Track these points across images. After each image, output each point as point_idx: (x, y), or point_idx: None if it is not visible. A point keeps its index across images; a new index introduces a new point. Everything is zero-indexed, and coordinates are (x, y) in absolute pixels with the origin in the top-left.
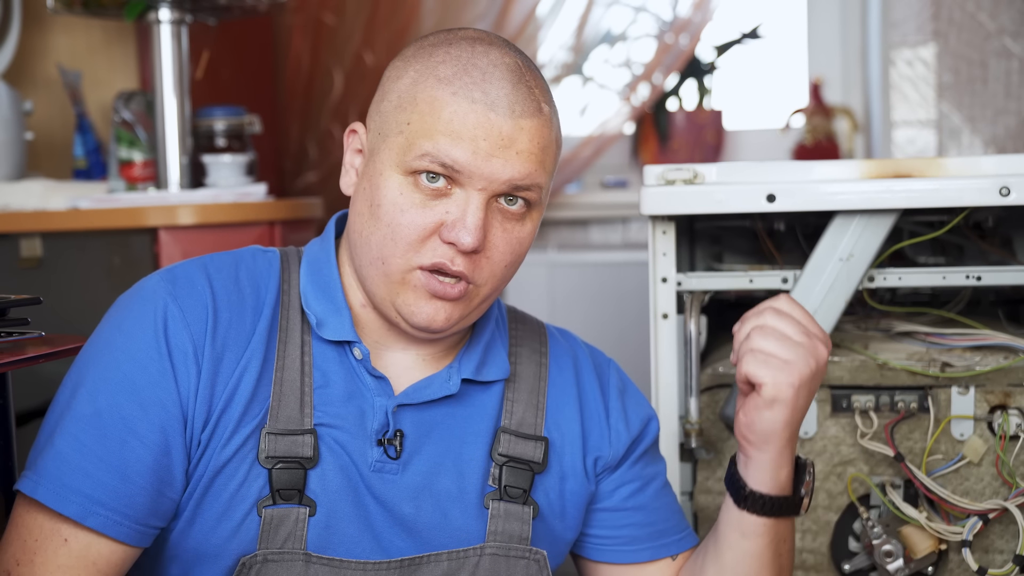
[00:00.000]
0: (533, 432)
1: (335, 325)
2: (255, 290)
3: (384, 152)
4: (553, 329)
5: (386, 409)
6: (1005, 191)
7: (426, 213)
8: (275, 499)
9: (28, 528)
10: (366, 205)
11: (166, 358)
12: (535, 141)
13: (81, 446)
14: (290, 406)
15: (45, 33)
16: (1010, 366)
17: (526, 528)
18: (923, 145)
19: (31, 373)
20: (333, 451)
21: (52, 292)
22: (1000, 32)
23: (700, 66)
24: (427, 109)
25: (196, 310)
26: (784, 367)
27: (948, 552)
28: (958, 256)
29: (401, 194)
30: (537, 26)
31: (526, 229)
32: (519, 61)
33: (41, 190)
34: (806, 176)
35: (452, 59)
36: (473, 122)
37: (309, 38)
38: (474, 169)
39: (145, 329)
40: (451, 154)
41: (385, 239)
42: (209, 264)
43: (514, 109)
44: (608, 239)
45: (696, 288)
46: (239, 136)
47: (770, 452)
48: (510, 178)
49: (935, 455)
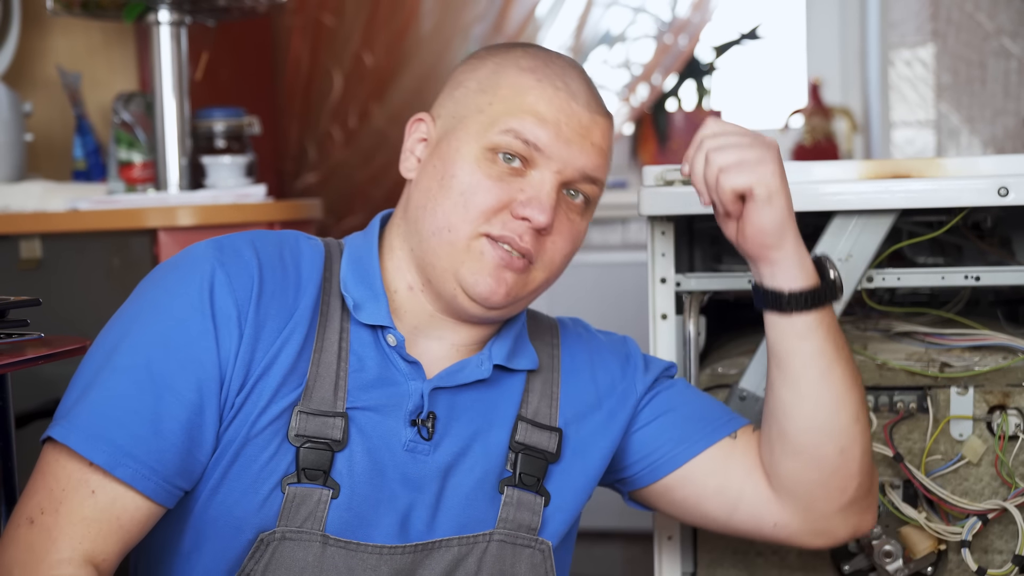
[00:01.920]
0: (548, 422)
1: (372, 310)
2: (297, 269)
3: (461, 131)
4: (565, 320)
5: (422, 391)
6: (1004, 191)
7: (502, 187)
8: (300, 478)
9: (55, 476)
10: (435, 180)
11: (209, 319)
12: (605, 139)
13: (117, 398)
14: (324, 388)
15: (44, 35)
16: (1009, 366)
17: (536, 518)
18: (922, 145)
19: (30, 375)
20: (364, 433)
21: (51, 293)
22: (999, 32)
23: (699, 67)
24: (511, 92)
25: (242, 277)
26: (758, 164)
27: (947, 552)
28: (957, 256)
29: (479, 167)
30: (536, 27)
31: (583, 225)
32: (585, 73)
33: (40, 191)
34: (805, 176)
35: (531, 55)
36: (558, 106)
37: (308, 39)
38: (554, 150)
39: (190, 291)
40: (535, 132)
41: (456, 206)
42: (256, 238)
43: (591, 104)
44: (607, 240)
45: (695, 289)
46: (238, 137)
47: (788, 245)
48: (583, 166)
49: (934, 455)
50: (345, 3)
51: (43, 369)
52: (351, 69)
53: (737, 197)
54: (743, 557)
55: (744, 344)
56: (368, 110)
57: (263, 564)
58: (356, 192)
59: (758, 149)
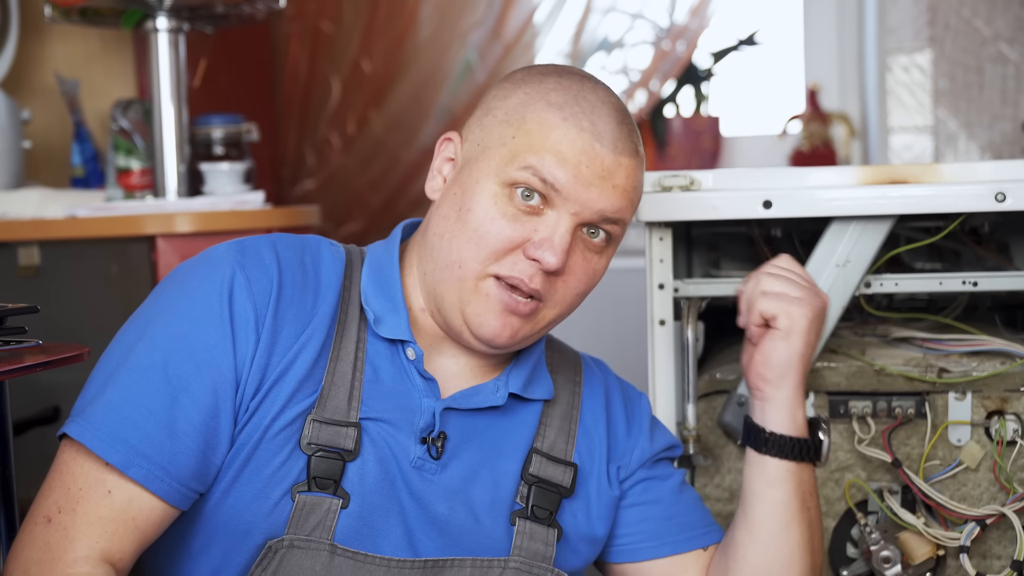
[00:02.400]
0: (564, 457)
1: (392, 323)
2: (316, 275)
3: (483, 161)
4: (588, 359)
5: (434, 410)
6: (1001, 197)
7: (515, 227)
8: (310, 486)
9: (72, 475)
10: (454, 209)
11: (227, 323)
12: (630, 179)
13: (133, 398)
14: (339, 397)
15: (43, 42)
16: (1007, 371)
17: (550, 550)
18: (919, 151)
19: (28, 382)
20: (376, 443)
21: (50, 301)
22: (996, 38)
23: (697, 73)
24: (535, 128)
25: (262, 281)
26: (795, 301)
27: (946, 558)
28: (954, 262)
29: (495, 204)
30: (534, 33)
31: (602, 263)
32: (621, 105)
33: (39, 198)
34: (802, 182)
35: (563, 88)
36: (580, 148)
37: (307, 46)
38: (572, 192)
39: (210, 293)
40: (554, 173)
41: (468, 242)
42: (278, 241)
43: (617, 145)
44: None
45: (693, 294)
46: (237, 144)
47: (786, 389)
48: (603, 208)
49: (932, 461)
50: (343, 10)
51: (41, 376)
52: (349, 76)
53: (763, 322)
54: None
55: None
56: (366, 117)
57: (271, 571)
58: (354, 198)
59: (804, 291)
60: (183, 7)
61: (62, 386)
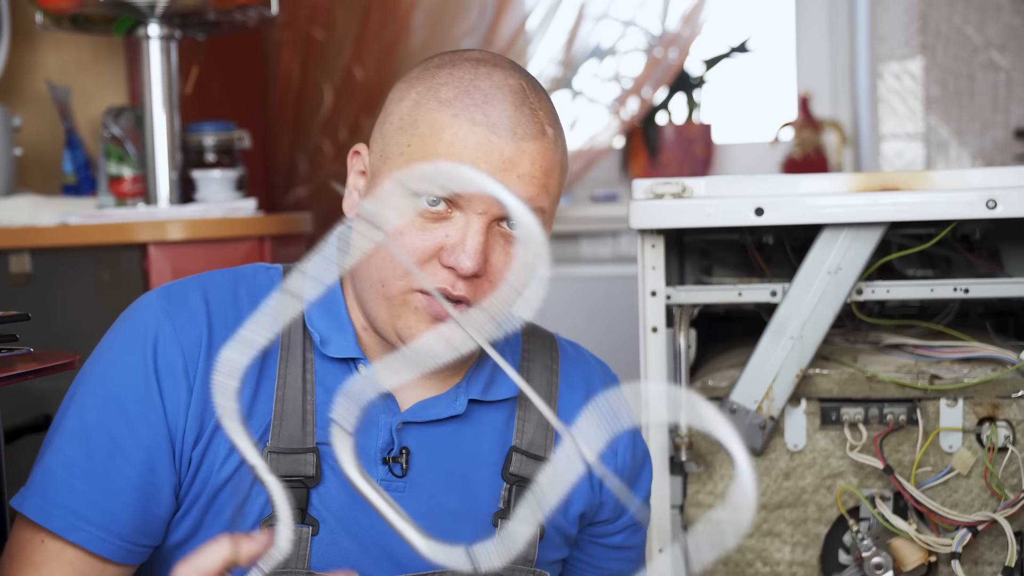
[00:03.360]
0: (543, 453)
1: (339, 342)
2: (254, 307)
3: (385, 174)
4: (565, 343)
5: (391, 427)
6: (992, 204)
7: (425, 236)
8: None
9: (19, 543)
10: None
11: (152, 374)
12: (537, 164)
13: (68, 461)
14: (292, 424)
15: (34, 49)
16: (998, 378)
17: (532, 550)
18: (911, 158)
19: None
20: (335, 470)
21: (41, 308)
22: (987, 46)
23: (689, 80)
24: (427, 132)
25: (188, 326)
26: None
27: (938, 564)
28: (946, 269)
29: (400, 217)
30: (527, 40)
31: None
32: (523, 83)
33: (30, 206)
34: (794, 189)
35: (455, 80)
36: (474, 144)
37: (299, 53)
38: (474, 193)
39: (134, 345)
40: None
41: (384, 261)
42: (207, 281)
43: (516, 131)
44: (598, 253)
45: (685, 301)
46: (229, 151)
47: None
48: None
49: (924, 467)
50: (335, 17)
51: (33, 384)
52: (341, 83)
53: None
54: (734, 568)
55: (734, 357)
56: (359, 124)
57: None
58: None
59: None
60: (175, 14)
61: (53, 394)
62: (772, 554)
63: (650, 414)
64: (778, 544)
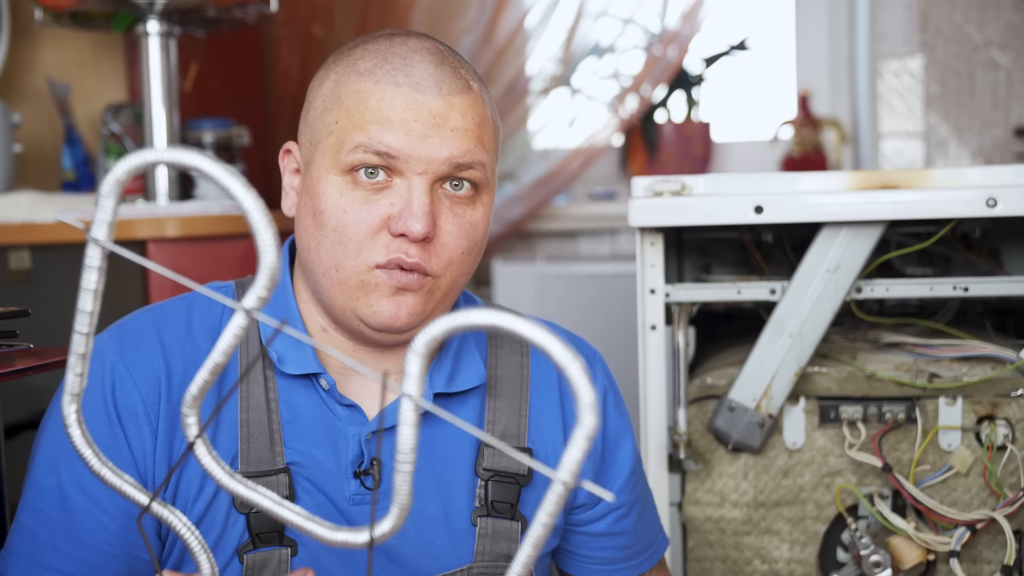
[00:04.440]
0: (517, 443)
1: (297, 358)
2: (210, 332)
3: (318, 158)
4: (535, 322)
5: (359, 438)
6: (992, 202)
7: (370, 209)
8: (255, 543)
9: None
10: (310, 217)
11: (116, 422)
12: (469, 116)
13: (46, 520)
14: (260, 446)
15: (33, 45)
16: (997, 377)
17: (514, 546)
18: (910, 156)
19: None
20: (308, 491)
21: (41, 304)
22: (987, 44)
23: (688, 78)
24: (352, 104)
25: (145, 368)
26: None
27: (936, 562)
28: (945, 267)
29: (341, 195)
30: (525, 38)
31: (478, 213)
32: (439, 46)
33: (29, 202)
34: (793, 188)
35: (371, 53)
36: (401, 104)
37: (298, 50)
38: (410, 151)
39: (94, 395)
40: (384, 140)
41: (335, 244)
42: (160, 316)
43: (441, 87)
44: (597, 251)
45: (684, 299)
46: (228, 148)
47: None
48: (449, 156)
49: (923, 466)
50: (334, 14)
51: (32, 380)
52: None
53: None
54: (732, 565)
55: (733, 355)
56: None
57: None
58: None
59: None
60: (174, 11)
61: (53, 390)
62: (771, 552)
63: (648, 412)
64: (776, 542)
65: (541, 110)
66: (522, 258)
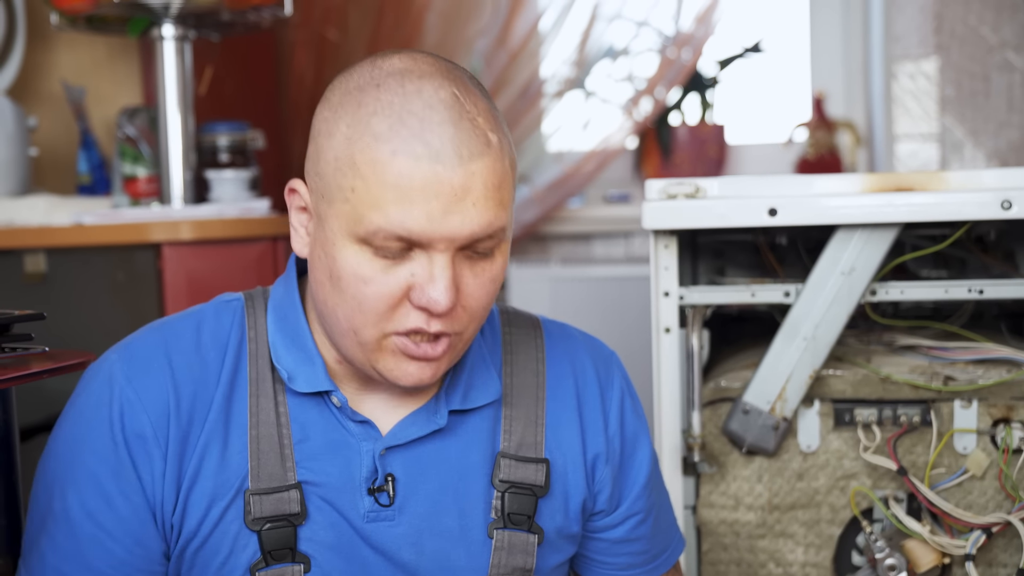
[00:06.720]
0: (534, 454)
1: (308, 376)
2: (220, 351)
3: (332, 220)
4: (550, 326)
5: (373, 454)
6: (1007, 205)
7: (390, 280)
8: (267, 560)
9: None
10: (326, 275)
11: (123, 448)
12: (490, 182)
13: (58, 547)
14: (271, 463)
15: (49, 49)
16: (1013, 380)
17: (530, 559)
18: (925, 159)
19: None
20: (321, 509)
21: (56, 307)
22: (1002, 46)
23: (702, 80)
24: (369, 173)
25: (153, 392)
26: None
27: (952, 566)
28: (960, 270)
29: (360, 264)
30: (540, 41)
31: (497, 265)
32: (455, 90)
33: (45, 206)
34: (808, 190)
35: (384, 108)
36: (421, 181)
37: (312, 53)
38: (432, 233)
39: (102, 419)
40: (404, 224)
41: (353, 311)
42: (168, 334)
43: (461, 153)
44: (611, 253)
45: (698, 302)
46: (242, 151)
47: None
48: (471, 233)
49: (938, 469)
50: (349, 17)
51: (47, 383)
52: None
53: None
54: (747, 568)
55: (747, 357)
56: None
57: None
58: None
59: None
60: (189, 15)
61: (68, 393)
62: (785, 555)
63: (662, 415)
64: (791, 545)
65: (555, 113)
66: (536, 260)
